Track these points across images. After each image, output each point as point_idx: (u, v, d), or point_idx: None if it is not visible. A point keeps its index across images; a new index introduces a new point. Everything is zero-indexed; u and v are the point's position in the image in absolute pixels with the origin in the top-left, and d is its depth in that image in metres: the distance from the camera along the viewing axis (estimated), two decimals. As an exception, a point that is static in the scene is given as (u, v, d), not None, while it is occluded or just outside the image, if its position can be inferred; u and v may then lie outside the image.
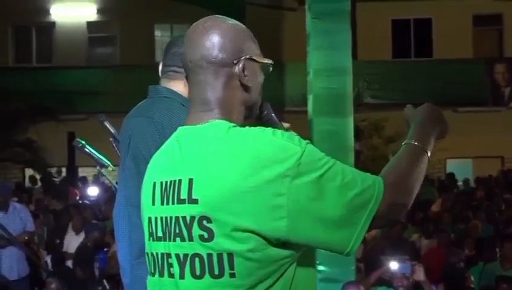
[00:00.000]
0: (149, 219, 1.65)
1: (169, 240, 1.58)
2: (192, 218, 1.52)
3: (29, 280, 7.23)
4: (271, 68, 1.71)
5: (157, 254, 1.63)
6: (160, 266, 1.63)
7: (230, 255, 1.49)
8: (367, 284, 5.64)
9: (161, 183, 1.62)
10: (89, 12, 18.73)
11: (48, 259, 8.32)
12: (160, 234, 1.61)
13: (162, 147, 1.70)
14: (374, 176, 1.58)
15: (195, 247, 1.52)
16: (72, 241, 8.08)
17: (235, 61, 1.61)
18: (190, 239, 1.53)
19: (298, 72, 11.70)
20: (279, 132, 1.54)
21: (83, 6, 18.62)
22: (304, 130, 4.70)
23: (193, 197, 1.52)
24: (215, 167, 1.51)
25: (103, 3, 18.66)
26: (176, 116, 2.16)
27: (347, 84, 5.32)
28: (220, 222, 1.49)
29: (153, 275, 1.66)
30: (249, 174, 1.47)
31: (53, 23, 18.74)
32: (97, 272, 7.38)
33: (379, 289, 5.82)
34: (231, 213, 1.48)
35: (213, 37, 1.61)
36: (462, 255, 7.20)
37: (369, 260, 7.12)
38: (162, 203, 1.61)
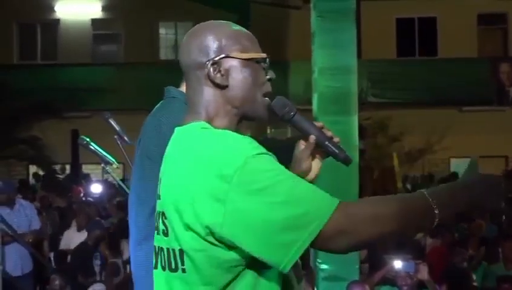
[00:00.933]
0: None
1: (155, 233, 1.68)
2: (159, 213, 1.64)
3: (33, 277, 7.24)
4: (265, 62, 1.68)
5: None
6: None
7: (181, 251, 1.55)
8: (371, 284, 5.63)
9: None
10: (93, 10, 18.76)
11: (51, 256, 8.33)
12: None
13: None
14: (333, 199, 1.49)
15: (162, 240, 1.62)
16: (75, 238, 8.07)
17: (207, 62, 1.63)
18: (160, 233, 1.63)
19: (303, 71, 11.71)
20: (242, 138, 1.54)
21: (87, 3, 18.65)
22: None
23: (159, 193, 1.64)
24: (173, 166, 1.60)
25: (108, 0, 18.68)
26: (174, 116, 2.20)
27: (351, 83, 5.31)
28: (171, 219, 1.56)
29: None
30: (194, 173, 1.51)
31: (58, 21, 18.77)
32: (97, 269, 7.39)
33: (383, 288, 5.81)
34: (177, 211, 1.54)
35: (190, 42, 1.67)
36: (465, 255, 7.18)
37: (373, 259, 7.11)
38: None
